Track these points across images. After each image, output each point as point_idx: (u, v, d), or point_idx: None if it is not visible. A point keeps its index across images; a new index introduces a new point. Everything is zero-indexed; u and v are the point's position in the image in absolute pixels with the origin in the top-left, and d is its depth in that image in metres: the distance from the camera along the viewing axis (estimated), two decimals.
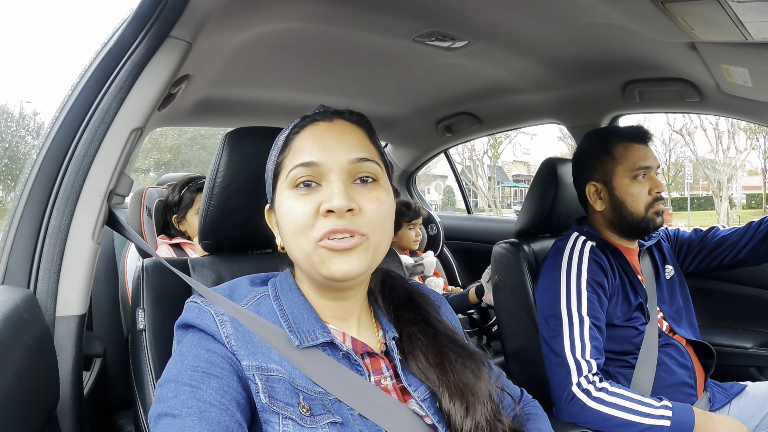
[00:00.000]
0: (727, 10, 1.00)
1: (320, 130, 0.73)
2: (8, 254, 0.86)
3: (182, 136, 8.55)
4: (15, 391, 0.67)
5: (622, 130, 1.50)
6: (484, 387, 0.75)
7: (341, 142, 0.72)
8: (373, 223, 0.70)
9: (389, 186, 0.75)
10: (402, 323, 0.80)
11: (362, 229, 0.68)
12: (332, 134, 0.72)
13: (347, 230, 0.67)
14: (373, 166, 0.72)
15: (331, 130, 0.73)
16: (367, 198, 0.70)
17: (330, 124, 0.74)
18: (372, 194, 0.71)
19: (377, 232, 0.70)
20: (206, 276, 0.99)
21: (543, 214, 1.61)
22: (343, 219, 0.67)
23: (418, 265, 2.32)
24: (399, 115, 2.42)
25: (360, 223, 0.68)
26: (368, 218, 0.69)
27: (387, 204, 0.72)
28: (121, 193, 0.99)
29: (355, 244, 0.68)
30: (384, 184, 0.74)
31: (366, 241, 0.69)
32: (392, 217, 0.75)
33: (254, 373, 0.66)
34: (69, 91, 0.94)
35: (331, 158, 0.70)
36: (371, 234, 0.69)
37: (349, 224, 0.67)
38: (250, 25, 1.30)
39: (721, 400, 1.36)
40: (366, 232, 0.69)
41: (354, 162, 0.70)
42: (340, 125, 0.74)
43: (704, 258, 1.51)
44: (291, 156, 0.73)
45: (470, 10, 1.32)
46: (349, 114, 0.77)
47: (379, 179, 0.73)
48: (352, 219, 0.68)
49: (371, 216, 0.69)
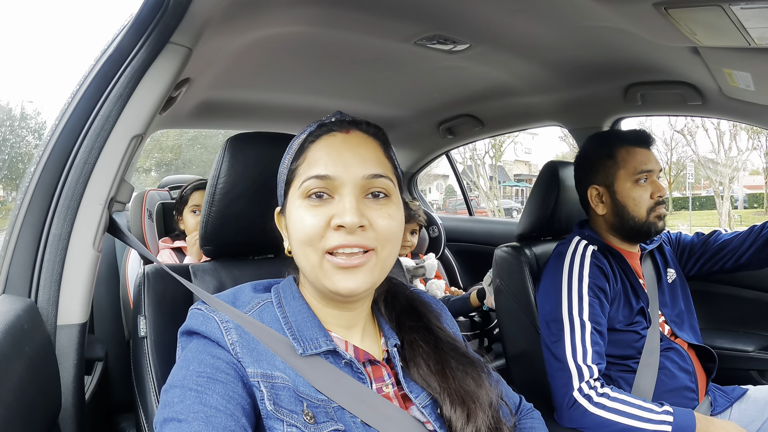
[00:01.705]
0: (730, 15, 0.99)
1: (336, 142, 0.73)
2: (9, 263, 0.86)
3: (183, 136, 8.56)
4: (17, 403, 0.67)
5: (624, 133, 1.49)
6: (485, 394, 0.76)
7: (356, 155, 0.72)
8: (382, 238, 0.70)
9: (400, 201, 0.76)
10: (404, 330, 0.80)
11: (371, 244, 0.69)
12: (348, 147, 0.72)
13: (357, 245, 0.68)
14: (387, 182, 0.72)
15: (347, 142, 0.73)
16: (379, 214, 0.71)
17: (346, 136, 0.74)
18: (383, 210, 0.71)
19: (386, 247, 0.71)
20: (207, 282, 0.99)
21: (545, 217, 1.61)
22: (354, 235, 0.68)
23: (420, 267, 2.31)
24: (400, 117, 2.42)
25: (370, 238, 0.69)
26: (378, 234, 0.70)
27: (397, 220, 0.73)
28: (122, 200, 0.99)
29: (363, 262, 0.69)
30: (395, 200, 0.74)
31: (374, 257, 0.70)
32: (401, 232, 0.75)
33: (259, 380, 0.66)
34: (69, 98, 0.94)
35: (346, 172, 0.70)
36: (380, 249, 0.70)
37: (359, 240, 0.68)
38: (251, 29, 1.29)
39: (722, 405, 1.36)
40: (375, 246, 0.69)
41: (368, 178, 0.71)
42: (356, 137, 0.74)
43: (706, 262, 1.51)
44: (305, 165, 0.73)
45: (472, 14, 1.32)
46: (367, 126, 0.77)
47: (391, 195, 0.73)
48: (362, 235, 0.68)
49: (381, 231, 0.70)
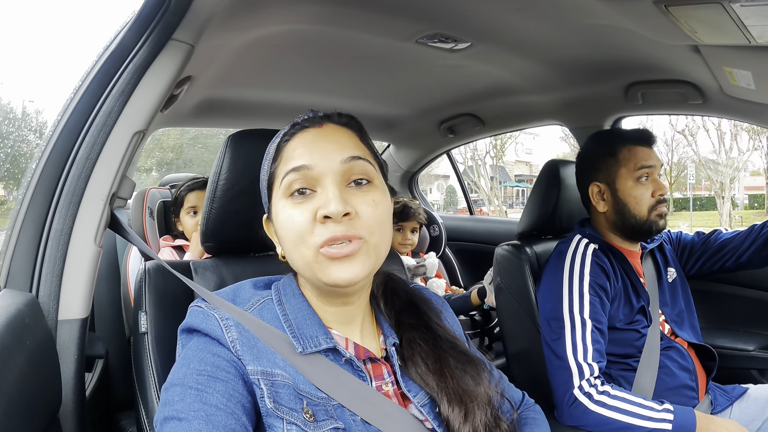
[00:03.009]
0: (730, 13, 0.99)
1: (310, 136, 0.73)
2: (10, 258, 0.86)
3: (184, 136, 8.55)
4: (18, 396, 0.67)
5: (626, 132, 1.49)
6: (483, 393, 0.75)
7: (332, 143, 0.71)
8: (370, 225, 0.69)
9: (384, 186, 0.75)
10: (403, 328, 0.80)
11: (360, 233, 0.68)
12: (322, 138, 0.72)
13: (346, 236, 0.67)
14: (366, 165, 0.72)
15: (321, 134, 0.73)
16: (363, 200, 0.70)
17: (320, 130, 0.74)
18: (367, 196, 0.70)
19: (375, 234, 0.70)
20: (208, 279, 0.99)
21: (545, 215, 1.61)
22: (341, 224, 0.67)
23: (420, 266, 2.31)
24: (401, 116, 2.42)
25: (357, 227, 0.68)
26: (365, 221, 0.69)
27: (384, 205, 0.72)
28: (123, 196, 0.99)
29: (355, 250, 0.67)
30: (379, 184, 0.73)
31: (365, 245, 0.69)
32: (390, 218, 0.74)
33: (259, 378, 0.66)
34: (71, 94, 0.94)
35: (323, 161, 0.70)
36: (369, 237, 0.69)
37: (347, 230, 0.67)
38: (253, 26, 1.30)
39: (722, 403, 1.36)
40: (364, 235, 0.68)
41: (346, 161, 0.70)
42: (329, 129, 0.74)
43: (707, 261, 1.51)
44: (283, 164, 0.73)
45: (473, 12, 1.32)
46: (338, 117, 0.76)
47: (373, 180, 0.72)
48: (349, 224, 0.67)
49: (368, 219, 0.69)
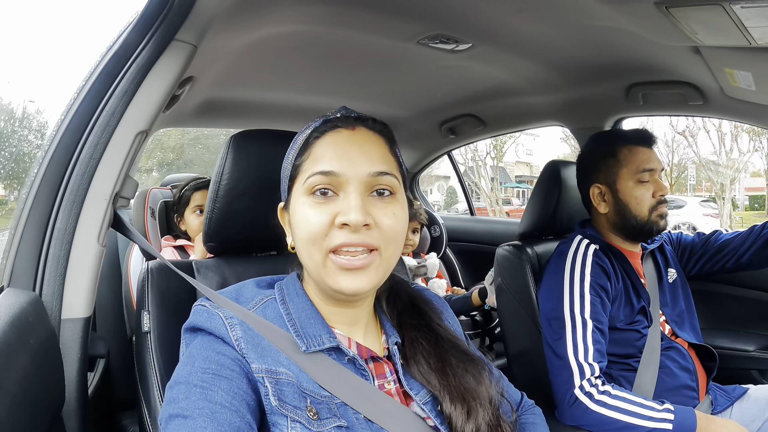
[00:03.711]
0: (731, 14, 0.99)
1: (342, 139, 0.72)
2: (14, 257, 0.87)
3: (185, 136, 8.53)
4: (21, 394, 0.67)
5: (627, 133, 1.50)
6: (485, 391, 0.76)
7: (362, 152, 0.71)
8: (387, 237, 0.70)
9: (405, 199, 0.75)
10: (405, 328, 0.81)
11: (375, 243, 0.68)
12: (353, 143, 0.72)
13: (361, 244, 0.67)
14: (392, 180, 0.72)
15: (352, 138, 0.73)
16: (384, 212, 0.70)
17: (352, 133, 0.73)
18: (388, 209, 0.71)
19: (390, 246, 0.71)
20: (211, 278, 0.99)
21: (546, 216, 1.62)
22: (358, 233, 0.67)
23: (421, 266, 2.32)
24: (402, 117, 2.42)
25: (375, 237, 0.69)
26: (383, 233, 0.69)
27: (402, 219, 0.72)
28: (126, 195, 0.99)
29: (367, 264, 0.68)
30: (400, 198, 0.73)
31: (378, 257, 0.69)
32: (405, 231, 0.75)
33: (264, 376, 0.66)
34: (74, 94, 0.94)
35: (351, 169, 0.69)
36: (384, 249, 0.70)
37: (363, 238, 0.68)
38: (256, 27, 1.30)
39: (723, 403, 1.37)
40: (379, 246, 0.69)
41: (374, 175, 0.70)
42: (361, 134, 0.74)
43: (707, 261, 1.51)
44: (310, 161, 0.72)
45: (474, 13, 1.32)
46: (372, 122, 0.76)
47: (396, 193, 0.73)
48: (366, 233, 0.68)
49: (386, 231, 0.70)
